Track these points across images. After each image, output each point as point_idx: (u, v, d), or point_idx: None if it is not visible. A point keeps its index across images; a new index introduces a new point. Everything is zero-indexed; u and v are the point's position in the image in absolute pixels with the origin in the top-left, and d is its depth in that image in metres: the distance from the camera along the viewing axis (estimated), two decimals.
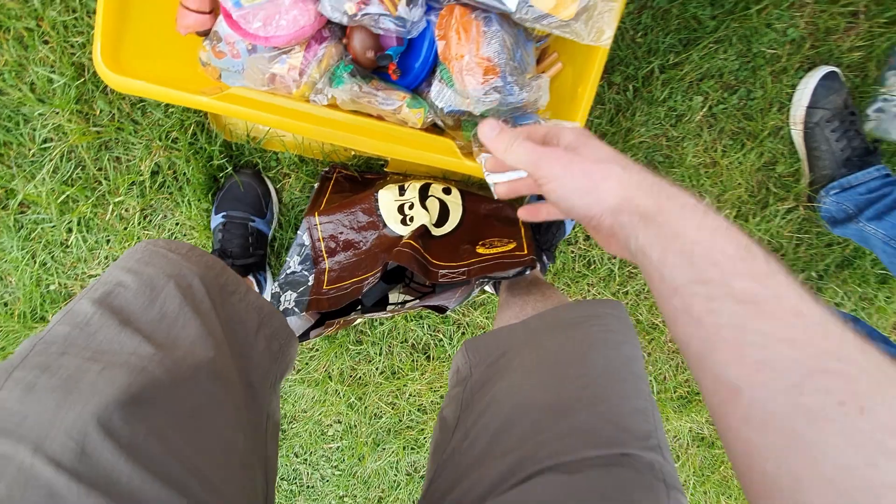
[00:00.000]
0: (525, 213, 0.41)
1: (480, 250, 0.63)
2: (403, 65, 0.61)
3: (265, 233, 0.82)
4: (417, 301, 0.71)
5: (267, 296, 0.83)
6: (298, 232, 0.69)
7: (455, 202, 0.69)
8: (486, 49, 0.51)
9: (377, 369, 0.99)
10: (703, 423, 1.10)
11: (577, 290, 0.94)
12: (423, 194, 0.68)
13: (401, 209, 0.66)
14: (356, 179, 0.79)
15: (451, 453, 0.40)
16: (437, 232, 0.67)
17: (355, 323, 0.91)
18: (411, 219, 0.65)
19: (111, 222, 0.82)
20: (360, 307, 0.72)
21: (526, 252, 0.61)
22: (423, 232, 0.64)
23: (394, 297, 0.74)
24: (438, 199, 0.68)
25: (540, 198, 0.88)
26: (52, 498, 0.23)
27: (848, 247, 0.92)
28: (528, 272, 0.59)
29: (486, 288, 0.87)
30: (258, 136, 0.79)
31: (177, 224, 0.84)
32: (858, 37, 0.81)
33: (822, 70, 0.81)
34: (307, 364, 0.99)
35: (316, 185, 0.77)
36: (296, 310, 0.67)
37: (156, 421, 0.28)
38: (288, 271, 0.70)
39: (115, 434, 0.26)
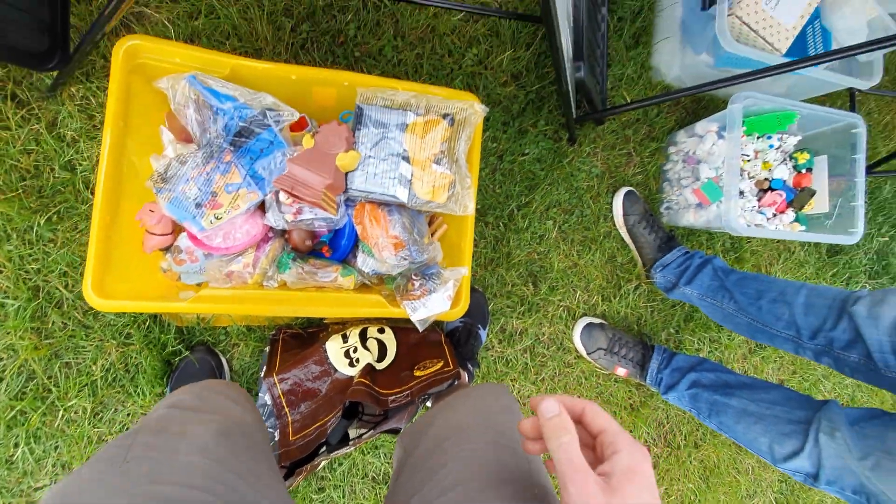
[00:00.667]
0: None
1: (417, 373, 0.79)
2: (333, 244, 0.81)
3: None
4: (373, 430, 0.82)
5: None
6: (259, 394, 0.80)
7: (390, 338, 0.85)
8: (393, 230, 0.73)
9: None
10: None
11: None
12: (363, 337, 0.83)
13: (346, 354, 0.81)
14: (301, 335, 0.93)
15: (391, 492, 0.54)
16: (380, 366, 0.81)
17: (320, 466, 0.97)
18: (357, 360, 0.80)
19: (61, 428, 0.84)
20: (324, 449, 0.81)
21: (452, 367, 0.78)
22: (369, 369, 0.78)
23: (353, 432, 0.84)
24: (376, 338, 0.84)
25: (466, 316, 1.06)
26: (189, 468, 0.40)
27: (685, 305, 1.23)
28: (455, 382, 0.75)
29: (428, 403, 1.00)
30: (206, 316, 0.91)
31: (128, 415, 0.88)
32: (636, 166, 1.20)
33: (623, 190, 1.17)
34: None
35: (267, 349, 0.89)
36: None
37: (235, 446, 0.46)
38: None
39: (221, 443, 0.44)
